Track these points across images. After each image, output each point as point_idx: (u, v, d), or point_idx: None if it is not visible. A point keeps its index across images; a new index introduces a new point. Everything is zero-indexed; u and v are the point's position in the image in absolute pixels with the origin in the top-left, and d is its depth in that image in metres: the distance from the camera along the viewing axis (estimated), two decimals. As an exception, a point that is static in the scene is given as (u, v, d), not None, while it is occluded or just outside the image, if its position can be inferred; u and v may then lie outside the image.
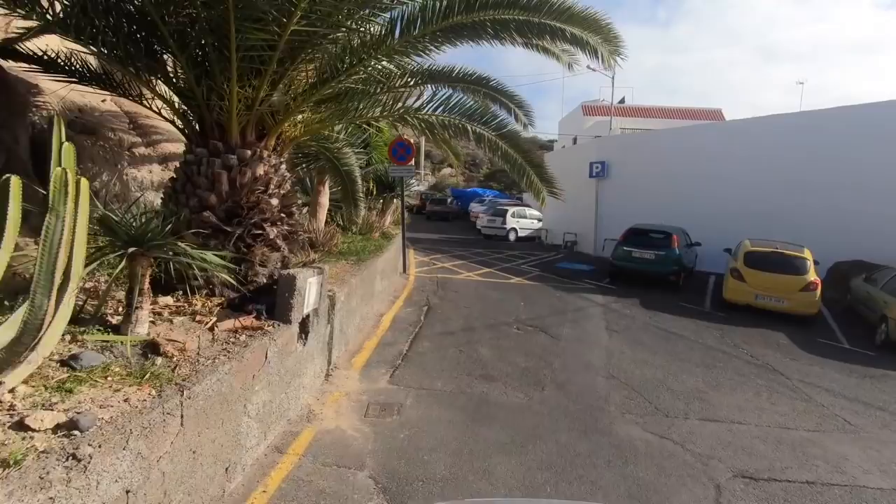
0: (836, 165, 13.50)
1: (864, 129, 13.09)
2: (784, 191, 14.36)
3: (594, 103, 31.18)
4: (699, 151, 15.98)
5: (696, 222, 15.46)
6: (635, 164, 17.61)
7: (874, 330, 9.80)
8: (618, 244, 13.14)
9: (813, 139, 13.93)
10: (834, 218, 13.54)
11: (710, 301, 11.89)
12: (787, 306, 10.31)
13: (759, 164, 14.84)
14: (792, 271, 10.45)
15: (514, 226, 22.35)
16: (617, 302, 11.06)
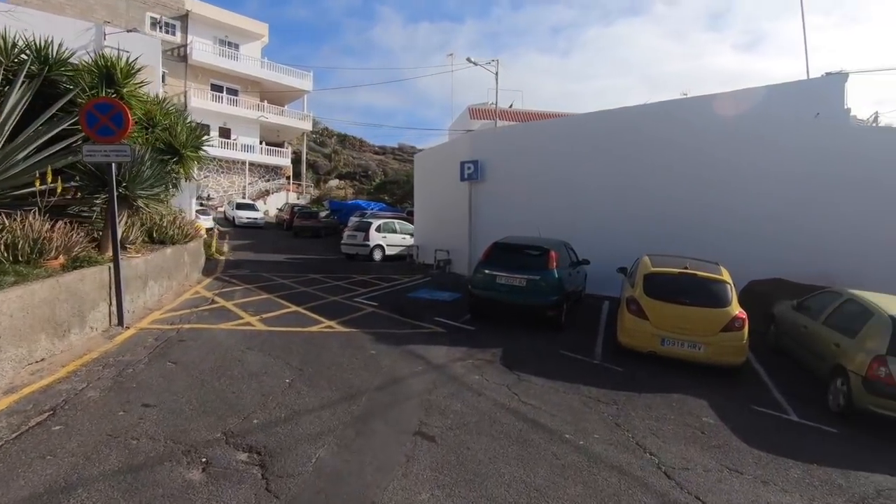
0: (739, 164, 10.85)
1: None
2: (693, 192, 11.54)
3: (481, 106, 28.27)
4: (591, 146, 12.87)
5: (589, 234, 12.25)
6: (516, 163, 14.22)
7: (820, 385, 6.70)
8: (478, 266, 9.32)
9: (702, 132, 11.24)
10: (746, 229, 10.85)
11: (602, 344, 8.36)
12: (704, 354, 6.95)
13: (658, 159, 11.96)
14: (709, 302, 7.15)
15: (380, 242, 18.14)
16: (465, 360, 7.09)
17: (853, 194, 9.95)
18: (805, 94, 10.36)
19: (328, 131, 53.42)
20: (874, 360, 5.77)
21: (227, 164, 36.34)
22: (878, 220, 9.82)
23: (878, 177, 9.78)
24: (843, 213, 10.03)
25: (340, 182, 45.69)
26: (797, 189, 10.35)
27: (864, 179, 9.87)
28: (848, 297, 6.95)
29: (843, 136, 10.04)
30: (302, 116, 40.44)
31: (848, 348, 6.28)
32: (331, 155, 48.17)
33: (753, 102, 10.83)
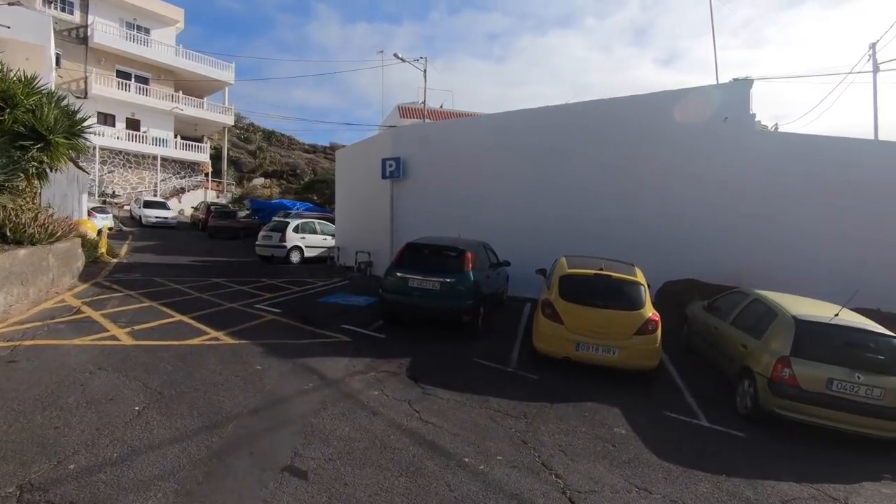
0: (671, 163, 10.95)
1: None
2: (613, 193, 11.50)
3: (411, 105, 27.65)
4: (514, 145, 12.56)
5: (513, 234, 11.92)
6: (440, 161, 13.67)
7: (730, 386, 6.61)
8: (389, 269, 8.63)
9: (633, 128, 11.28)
10: (662, 229, 10.93)
11: (519, 350, 7.93)
12: (618, 358, 6.67)
13: (578, 159, 11.84)
14: (624, 304, 6.89)
15: (299, 244, 16.98)
16: (367, 373, 6.37)
17: (759, 196, 10.26)
18: (714, 99, 10.60)
19: (254, 127, 50.64)
20: (778, 362, 5.68)
21: (136, 159, 33.25)
22: (783, 222, 10.18)
23: (782, 180, 10.14)
24: (751, 214, 10.32)
25: (266, 181, 43.34)
26: (708, 190, 10.56)
27: (769, 182, 10.20)
28: (754, 297, 6.95)
29: (749, 140, 10.35)
30: (223, 110, 37.87)
31: (754, 349, 6.21)
32: (256, 152, 45.59)
33: (667, 106, 10.96)
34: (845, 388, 5.44)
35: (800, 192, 10.05)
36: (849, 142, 10.12)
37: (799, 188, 10.03)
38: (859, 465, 5.26)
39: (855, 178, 9.73)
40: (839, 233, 9.86)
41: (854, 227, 9.75)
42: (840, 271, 9.55)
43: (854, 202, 9.76)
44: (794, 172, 10.07)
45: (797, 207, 10.06)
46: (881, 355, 5.63)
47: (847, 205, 9.80)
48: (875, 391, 5.39)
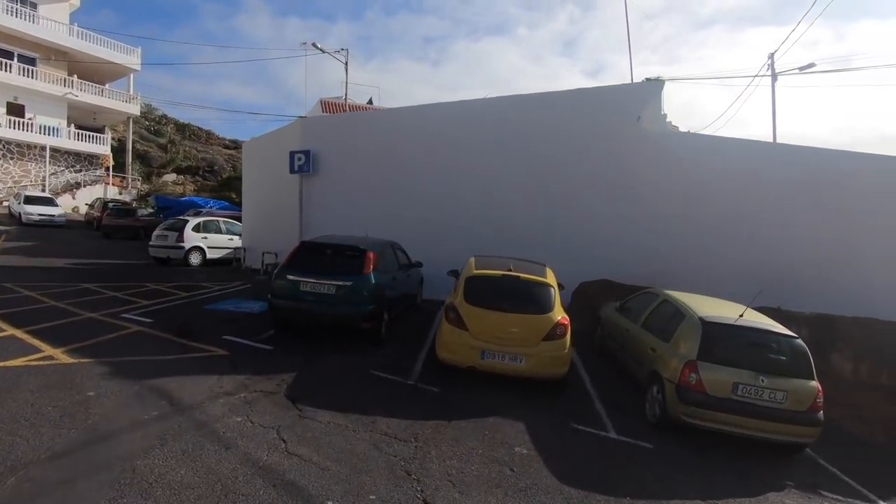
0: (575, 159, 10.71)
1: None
2: (530, 192, 11.13)
3: (335, 100, 26.37)
4: (436, 139, 11.88)
5: (432, 233, 11.26)
6: (354, 155, 12.76)
7: (641, 391, 6.26)
8: (279, 271, 7.64)
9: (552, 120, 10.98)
10: (580, 228, 10.69)
11: (424, 360, 7.21)
12: (525, 367, 6.12)
13: (496, 157, 11.38)
14: (532, 308, 6.36)
15: (200, 244, 15.34)
16: (236, 394, 5.39)
17: (672, 196, 10.27)
18: (627, 98, 10.52)
19: (166, 119, 46.78)
20: (685, 366, 5.36)
21: (20, 149, 29.38)
22: (694, 221, 10.23)
23: (693, 180, 10.20)
24: (664, 213, 10.30)
25: (179, 177, 40.07)
26: (623, 189, 10.46)
27: (680, 182, 10.23)
28: (663, 298, 6.69)
29: (661, 140, 10.35)
30: (127, 98, 34.45)
31: (663, 353, 5.89)
32: (167, 145, 42.05)
33: (581, 104, 10.77)
34: (750, 392, 5.20)
35: (709, 192, 10.15)
36: (751, 143, 10.37)
37: (708, 188, 10.12)
38: (764, 475, 5.03)
39: (757, 179, 9.95)
40: (746, 233, 10.04)
41: (758, 227, 9.95)
42: (748, 271, 9.69)
43: (756, 203, 9.97)
44: (703, 172, 10.16)
45: (707, 207, 10.15)
46: (783, 356, 5.47)
47: (752, 205, 9.99)
48: (778, 394, 5.19)
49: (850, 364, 7.96)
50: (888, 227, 9.49)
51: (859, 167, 9.61)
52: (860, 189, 9.57)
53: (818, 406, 5.25)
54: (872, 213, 9.54)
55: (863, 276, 9.40)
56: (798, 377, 5.32)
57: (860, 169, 9.58)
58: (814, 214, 9.76)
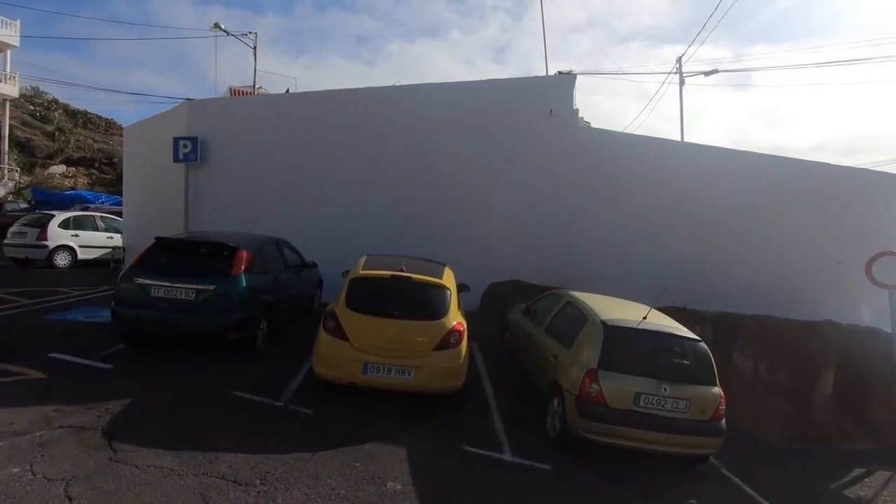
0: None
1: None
2: (439, 187, 10.40)
3: (246, 88, 24.45)
4: (339, 128, 10.84)
5: (336, 230, 10.23)
6: (250, 144, 11.41)
7: (545, 404, 5.67)
8: (125, 273, 6.37)
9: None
10: (491, 226, 10.13)
11: (304, 376, 6.21)
12: (415, 381, 5.32)
13: (412, 146, 10.55)
14: (422, 313, 5.59)
15: (69, 242, 13.23)
16: (30, 432, 4.15)
17: (583, 192, 9.98)
18: (539, 91, 10.11)
19: (56, 104, 41.70)
20: (586, 376, 4.82)
21: None
22: (606, 219, 9.99)
23: (604, 176, 9.96)
24: (575, 211, 9.98)
25: (69, 169, 35.75)
26: (534, 185, 10.04)
27: (591, 178, 9.96)
28: (568, 300, 6.18)
29: (573, 135, 10.04)
30: (4, 77, 30.24)
31: (564, 361, 5.34)
32: (55, 133, 37.42)
33: (492, 95, 10.24)
34: (652, 402, 4.74)
35: (622, 190, 9.96)
36: (661, 142, 10.34)
37: (621, 185, 9.94)
38: (667, 493, 4.58)
39: (667, 177, 9.89)
40: (657, 231, 9.94)
41: (667, 226, 9.89)
42: (659, 270, 9.56)
43: (666, 201, 9.91)
44: (616, 169, 9.97)
45: (620, 205, 9.96)
46: (686, 361, 5.08)
47: (661, 203, 9.91)
48: (680, 403, 4.77)
49: (751, 363, 7.93)
50: (788, 225, 9.74)
51: (763, 167, 9.80)
52: (761, 189, 9.76)
53: (720, 414, 4.89)
54: (773, 212, 9.75)
55: (762, 274, 9.57)
56: (701, 383, 4.94)
57: (763, 169, 9.77)
58: (718, 213, 9.83)
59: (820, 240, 9.92)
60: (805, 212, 9.85)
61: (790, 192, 9.74)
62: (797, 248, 9.86)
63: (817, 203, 9.85)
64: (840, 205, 9.86)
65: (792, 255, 9.84)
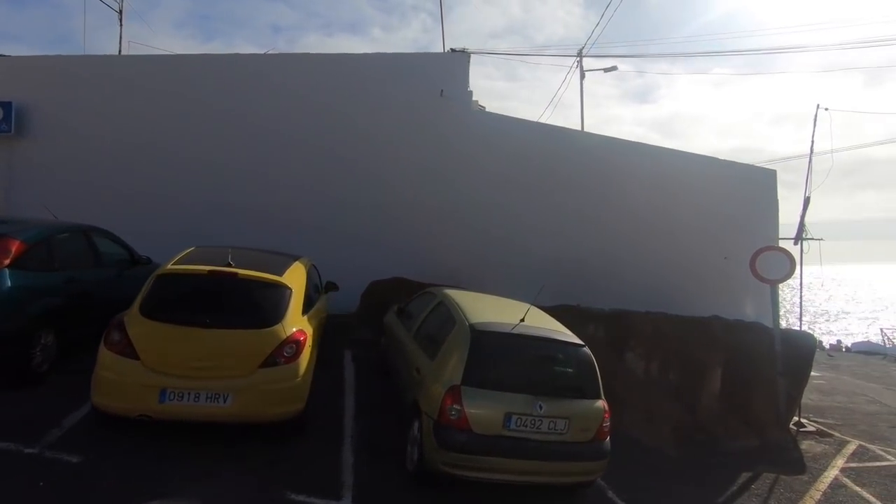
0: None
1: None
2: (315, 170, 9.07)
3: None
4: (204, 99, 9.11)
5: (194, 219, 8.55)
6: (88, 116, 9.34)
7: (408, 430, 4.62)
8: None
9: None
10: (373, 218, 8.98)
11: (90, 407, 4.65)
12: (233, 408, 4.02)
13: (279, 126, 9.10)
14: (245, 319, 4.32)
15: None
16: None
17: (477, 180, 9.15)
18: (430, 70, 9.13)
19: None
20: (447, 395, 3.84)
21: None
22: (502, 211, 9.23)
23: (499, 164, 9.20)
24: (470, 200, 9.12)
25: None
26: (423, 171, 9.06)
27: (486, 166, 9.17)
28: (440, 299, 5.20)
29: (466, 119, 9.19)
30: None
31: (426, 376, 4.34)
32: None
33: (377, 71, 9.09)
34: (526, 424, 3.87)
35: (517, 179, 9.25)
36: (560, 130, 9.80)
37: (516, 173, 9.23)
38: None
39: (563, 167, 9.35)
40: (553, 223, 9.36)
41: (563, 217, 9.34)
42: (555, 265, 8.97)
43: (562, 191, 9.37)
44: (511, 157, 9.25)
45: (515, 195, 9.24)
46: (567, 371, 4.29)
47: (558, 194, 9.36)
48: (559, 423, 3.95)
49: (643, 363, 7.52)
50: (678, 220, 9.60)
51: (655, 159, 9.57)
52: (654, 182, 9.52)
53: (605, 432, 4.14)
54: (665, 206, 9.55)
55: (657, 270, 9.33)
56: (583, 397, 4.17)
57: (655, 160, 9.54)
58: (614, 207, 9.47)
59: (709, 234, 9.91)
60: (694, 205, 9.78)
61: (680, 185, 9.62)
62: (688, 242, 9.77)
63: (706, 197, 9.81)
64: (727, 199, 9.91)
65: (684, 249, 9.73)
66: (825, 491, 5.66)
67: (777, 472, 6.08)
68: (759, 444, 7.14)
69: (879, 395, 10.92)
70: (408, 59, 9.37)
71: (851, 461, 6.71)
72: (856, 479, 6.09)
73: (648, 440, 6.43)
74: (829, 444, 7.46)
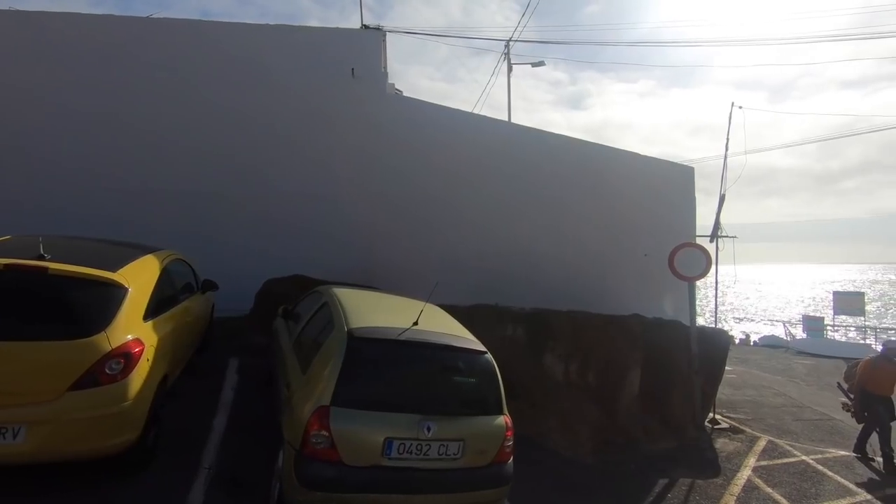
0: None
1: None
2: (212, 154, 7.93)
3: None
4: (68, 66, 7.70)
5: (87, 206, 7.18)
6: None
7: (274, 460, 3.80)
8: None
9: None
10: (265, 204, 8.02)
11: None
12: (29, 446, 3.05)
13: (169, 102, 7.88)
14: (51, 329, 3.34)
15: None
16: None
17: (390, 170, 8.42)
18: (339, 45, 8.27)
19: None
20: (313, 418, 3.08)
21: None
22: (417, 205, 8.56)
23: (418, 154, 8.53)
24: (375, 192, 8.37)
25: None
26: (331, 158, 8.21)
27: (402, 155, 8.46)
28: (326, 299, 4.41)
29: (380, 102, 8.44)
30: None
31: (294, 393, 3.56)
32: None
33: (280, 44, 8.13)
34: (410, 449, 3.19)
35: (434, 170, 8.61)
36: (483, 119, 9.28)
37: (433, 165, 8.59)
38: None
39: (486, 157, 8.82)
40: (470, 218, 8.80)
41: (482, 212, 8.82)
42: (474, 262, 8.42)
43: (486, 184, 8.84)
44: (428, 147, 8.60)
45: (430, 188, 8.61)
46: (464, 381, 3.66)
47: (477, 187, 8.82)
48: (451, 446, 3.30)
49: (562, 365, 7.12)
50: (600, 216, 9.35)
51: (578, 152, 9.28)
52: (576, 177, 9.23)
53: (506, 453, 3.55)
54: (586, 201, 9.29)
55: (577, 267, 9.03)
56: (482, 413, 3.55)
57: (578, 154, 9.25)
58: (537, 200, 9.08)
59: (632, 231, 9.79)
60: (617, 201, 9.61)
61: (604, 180, 9.41)
62: (612, 238, 9.59)
63: (628, 192, 9.68)
64: (648, 195, 9.84)
65: (607, 245, 9.53)
66: (739, 495, 5.49)
67: (693, 477, 5.87)
68: (677, 444, 7.01)
69: (784, 388, 11.36)
70: (315, 34, 8.45)
71: (762, 459, 6.68)
72: (767, 478, 6.00)
73: (565, 449, 6.05)
74: (742, 440, 7.46)
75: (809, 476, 6.13)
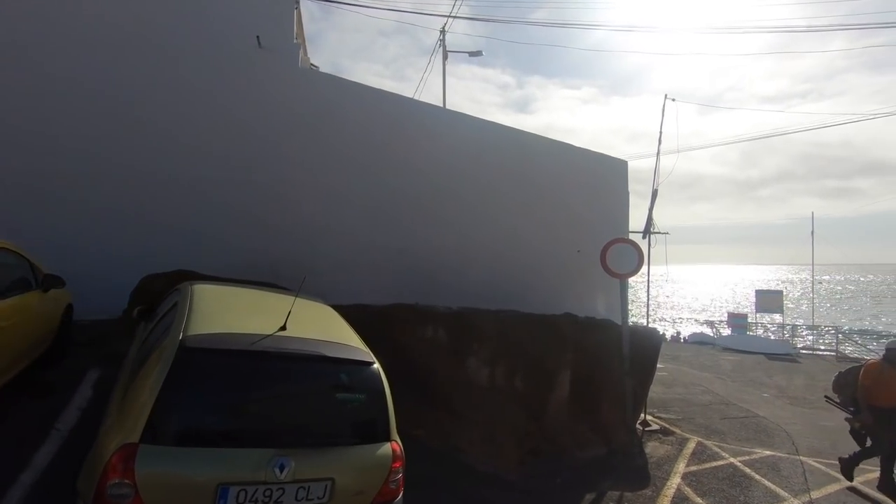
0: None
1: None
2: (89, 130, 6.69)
3: None
4: None
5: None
6: None
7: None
8: None
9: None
10: (151, 189, 6.91)
11: None
12: None
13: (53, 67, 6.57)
14: None
15: None
16: None
17: (306, 156, 7.51)
18: (245, 13, 7.25)
19: None
20: (112, 461, 2.22)
21: None
22: (335, 195, 7.71)
23: (335, 137, 7.67)
24: (292, 179, 7.46)
25: None
26: (227, 140, 7.17)
27: (317, 138, 7.58)
28: (180, 297, 3.51)
29: (291, 78, 7.50)
30: None
31: (104, 424, 2.67)
32: None
33: (175, 12, 7.00)
34: (255, 498, 2.40)
35: (352, 155, 7.78)
36: (406, 100, 8.55)
37: (351, 149, 7.75)
38: None
39: (408, 143, 8.10)
40: (396, 210, 8.05)
41: (405, 202, 8.08)
42: (393, 258, 7.68)
43: (408, 173, 8.11)
44: (348, 127, 7.76)
45: (348, 174, 7.77)
46: (344, 400, 2.90)
47: (401, 175, 8.07)
48: (315, 488, 2.54)
49: (487, 369, 6.52)
50: (531, 210, 8.86)
51: (507, 140, 8.75)
52: (506, 165, 8.70)
53: (391, 491, 2.82)
54: (516, 192, 8.77)
55: (506, 263, 8.49)
56: (361, 441, 2.80)
57: (507, 141, 8.72)
58: (462, 192, 8.46)
59: (564, 226, 9.39)
60: (550, 193, 9.17)
61: (537, 170, 8.94)
62: (544, 234, 9.14)
63: (562, 184, 9.27)
64: (581, 188, 9.49)
65: (539, 241, 9.07)
66: (668, 508, 5.08)
67: (622, 490, 5.44)
68: (607, 450, 6.63)
69: (711, 385, 11.44)
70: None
71: (692, 464, 6.41)
72: (696, 486, 5.68)
73: (486, 464, 5.44)
74: (672, 443, 7.22)
75: (738, 482, 5.88)
